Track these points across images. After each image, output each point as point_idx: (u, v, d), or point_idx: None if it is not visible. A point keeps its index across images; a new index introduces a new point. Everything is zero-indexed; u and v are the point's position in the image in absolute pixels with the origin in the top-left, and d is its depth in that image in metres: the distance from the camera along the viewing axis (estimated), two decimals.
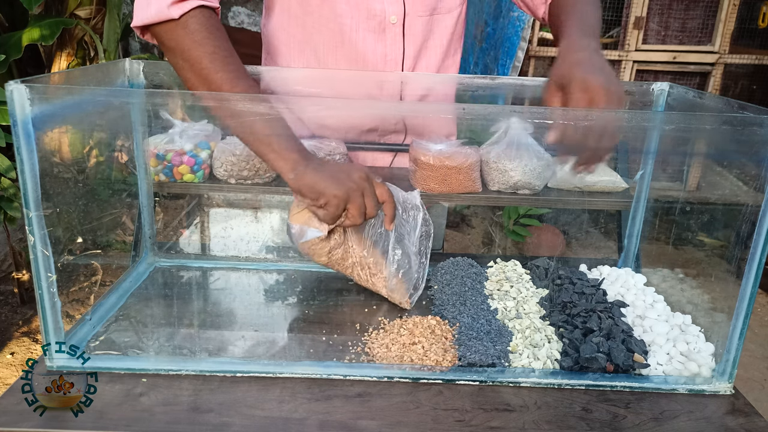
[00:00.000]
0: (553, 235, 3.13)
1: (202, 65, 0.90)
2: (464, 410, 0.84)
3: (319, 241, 0.99)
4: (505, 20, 2.94)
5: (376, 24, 1.15)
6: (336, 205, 0.90)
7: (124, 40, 3.28)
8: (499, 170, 1.21)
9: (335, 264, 1.03)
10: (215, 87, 0.90)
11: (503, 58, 2.98)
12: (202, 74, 0.90)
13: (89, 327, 0.98)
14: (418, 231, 1.10)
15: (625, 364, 0.91)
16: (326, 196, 0.90)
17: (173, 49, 0.93)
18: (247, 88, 0.91)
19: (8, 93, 0.77)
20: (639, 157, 1.23)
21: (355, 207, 0.91)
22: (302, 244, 0.99)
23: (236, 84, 0.90)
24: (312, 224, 0.97)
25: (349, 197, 0.90)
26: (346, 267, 1.04)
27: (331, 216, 0.92)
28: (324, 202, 0.90)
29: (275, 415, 0.81)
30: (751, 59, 3.40)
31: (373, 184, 0.94)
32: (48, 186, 0.83)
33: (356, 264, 1.04)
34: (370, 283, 1.06)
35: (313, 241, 0.98)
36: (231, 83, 0.90)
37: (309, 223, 0.97)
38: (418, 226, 1.10)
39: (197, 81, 0.91)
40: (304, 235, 0.98)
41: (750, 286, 0.87)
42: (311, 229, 0.97)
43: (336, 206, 0.90)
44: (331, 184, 0.89)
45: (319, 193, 0.90)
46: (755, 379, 2.41)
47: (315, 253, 1.00)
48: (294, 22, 1.17)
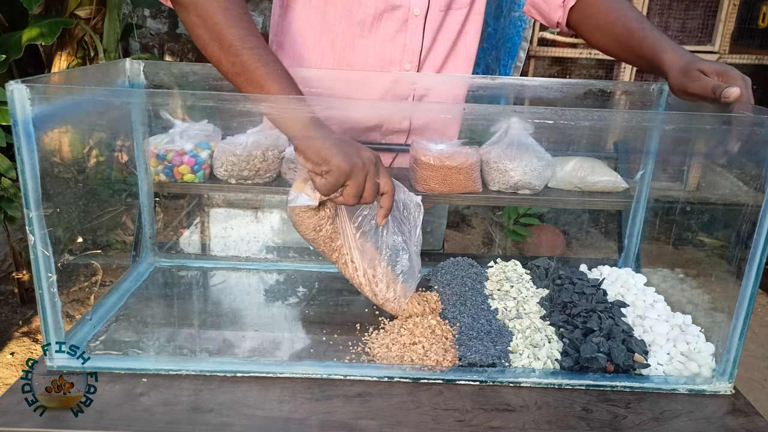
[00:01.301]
0: (553, 235, 3.13)
1: (215, 20, 0.89)
2: (464, 410, 0.84)
3: (307, 210, 0.95)
4: (506, 20, 2.93)
5: (399, 15, 1.15)
6: (337, 176, 0.87)
7: (124, 40, 3.28)
8: (499, 170, 1.21)
9: (321, 243, 0.99)
10: (227, 43, 0.89)
11: (505, 59, 2.98)
12: (215, 30, 0.89)
13: (89, 327, 0.98)
14: (418, 231, 1.08)
15: (625, 364, 0.91)
16: (330, 165, 0.86)
17: (186, 5, 0.92)
18: (258, 43, 0.90)
19: (9, 93, 0.76)
20: (639, 157, 1.24)
21: (354, 186, 0.88)
22: (291, 209, 0.96)
23: (248, 40, 0.89)
24: (306, 192, 0.94)
25: (351, 173, 0.87)
26: (333, 248, 1.00)
27: (328, 186, 0.88)
28: (326, 170, 0.87)
29: (275, 415, 0.81)
30: (751, 59, 3.40)
31: (379, 170, 0.91)
32: (48, 186, 0.83)
33: (345, 252, 1.01)
34: (356, 283, 1.03)
35: (302, 208, 0.95)
36: (243, 39, 0.89)
37: (304, 191, 0.94)
38: (418, 227, 1.08)
39: (209, 37, 0.90)
40: (295, 200, 0.94)
41: (750, 286, 0.87)
42: (302, 196, 0.94)
43: (336, 178, 0.87)
44: (338, 154, 0.86)
45: (324, 159, 0.86)
46: (755, 379, 2.41)
47: (302, 224, 0.97)
48: (314, 14, 1.17)
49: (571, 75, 3.80)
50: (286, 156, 1.20)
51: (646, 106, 1.20)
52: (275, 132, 1.21)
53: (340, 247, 1.00)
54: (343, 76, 1.18)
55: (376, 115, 1.25)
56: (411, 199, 1.08)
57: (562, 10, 1.20)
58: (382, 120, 1.26)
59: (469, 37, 1.25)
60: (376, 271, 1.02)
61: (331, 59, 1.19)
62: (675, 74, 0.96)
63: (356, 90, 1.20)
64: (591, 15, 1.17)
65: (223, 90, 1.13)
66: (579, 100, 1.19)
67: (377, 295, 1.02)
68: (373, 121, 1.26)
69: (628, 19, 1.09)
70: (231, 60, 0.89)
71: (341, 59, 1.19)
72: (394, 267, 1.03)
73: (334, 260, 1.02)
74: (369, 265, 1.01)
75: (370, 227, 1.01)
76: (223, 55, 0.90)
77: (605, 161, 1.31)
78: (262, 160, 1.17)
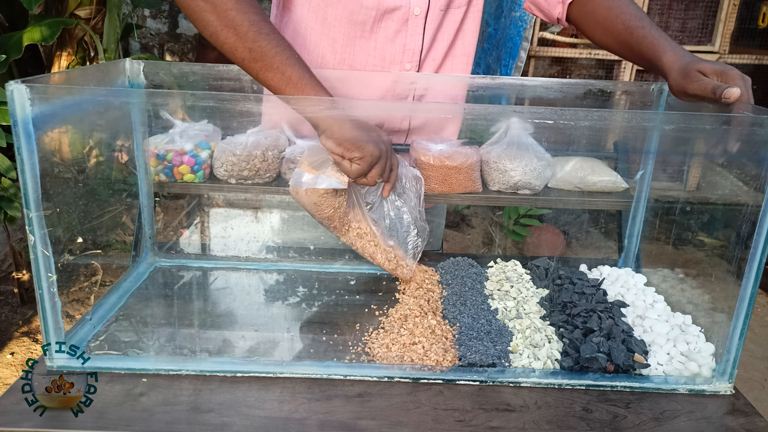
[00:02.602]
0: (553, 235, 3.13)
1: (227, 6, 0.88)
2: (464, 410, 0.84)
3: (329, 192, 0.98)
4: (506, 20, 2.93)
5: (400, 15, 1.15)
6: (369, 163, 0.93)
7: (124, 40, 3.28)
8: (499, 170, 1.21)
9: (336, 220, 1.03)
10: (242, 29, 0.88)
11: (506, 59, 2.97)
12: (229, 16, 0.88)
13: (89, 327, 0.98)
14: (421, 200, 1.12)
15: (625, 364, 0.91)
16: (363, 152, 0.92)
17: None
18: (272, 29, 0.90)
19: (9, 93, 0.76)
20: (639, 157, 1.23)
21: (379, 169, 0.95)
22: (311, 192, 0.97)
23: (262, 26, 0.89)
24: (330, 174, 0.96)
25: (380, 158, 0.94)
26: (344, 223, 1.05)
27: (360, 171, 0.94)
28: (359, 156, 0.92)
29: (275, 415, 0.81)
30: (751, 59, 3.40)
31: (391, 149, 0.99)
32: (48, 186, 0.83)
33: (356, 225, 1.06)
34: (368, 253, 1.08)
35: (326, 191, 0.97)
36: (258, 25, 0.88)
37: (327, 173, 0.97)
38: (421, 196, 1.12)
39: (221, 23, 0.89)
40: (317, 183, 0.96)
41: (750, 286, 0.87)
42: (328, 178, 0.96)
43: (369, 164, 0.93)
44: (370, 142, 0.92)
45: (358, 147, 0.91)
46: (755, 379, 2.41)
47: (322, 204, 0.99)
48: (314, 15, 1.17)
49: (571, 75, 3.80)
50: (285, 156, 1.20)
51: (646, 106, 1.20)
52: (275, 132, 1.21)
53: (350, 221, 1.05)
54: (343, 77, 1.18)
55: (377, 115, 1.25)
56: (410, 173, 1.13)
57: (562, 5, 1.20)
58: (382, 120, 1.26)
59: (467, 35, 1.25)
60: (385, 239, 1.08)
61: (331, 60, 1.19)
62: (675, 75, 0.96)
63: (357, 90, 1.20)
64: (590, 11, 1.17)
65: (223, 90, 1.14)
66: (579, 100, 1.19)
67: (390, 261, 1.08)
68: (374, 121, 1.26)
69: (628, 16, 1.09)
70: (248, 46, 0.89)
71: (341, 60, 1.19)
72: (402, 233, 1.09)
73: (343, 234, 1.07)
74: (380, 234, 1.08)
75: (377, 200, 1.07)
76: (239, 42, 0.89)
77: (605, 161, 1.31)
78: (262, 160, 1.17)
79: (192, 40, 4.10)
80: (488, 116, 1.03)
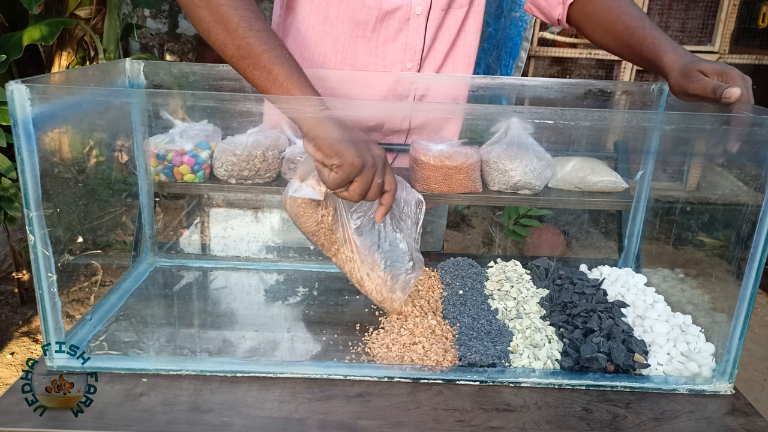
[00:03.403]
0: (553, 235, 3.13)
1: (220, 1, 0.87)
2: (465, 410, 0.84)
3: (309, 203, 0.92)
4: (506, 20, 2.93)
5: (401, 14, 1.15)
6: (348, 172, 0.84)
7: (124, 40, 3.28)
8: (499, 170, 1.21)
9: (321, 236, 0.97)
10: (232, 26, 0.86)
11: (506, 59, 2.97)
12: (220, 12, 0.87)
13: (89, 327, 0.98)
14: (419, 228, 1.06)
15: (625, 364, 0.91)
16: (342, 159, 0.83)
17: None
18: (264, 26, 0.88)
19: (9, 93, 0.76)
20: (639, 157, 1.23)
21: (362, 182, 0.85)
22: (292, 200, 0.92)
23: (254, 23, 0.87)
24: (310, 183, 0.90)
25: (362, 170, 0.84)
26: (332, 242, 0.98)
27: (337, 180, 0.85)
28: (337, 164, 0.83)
29: (275, 416, 0.81)
30: (751, 59, 3.40)
31: (386, 168, 0.89)
32: (48, 186, 0.83)
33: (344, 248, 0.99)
34: (355, 278, 1.01)
35: (304, 201, 0.92)
36: (249, 22, 0.86)
37: (308, 183, 0.91)
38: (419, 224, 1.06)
39: (213, 19, 0.88)
40: (298, 191, 0.91)
41: (750, 286, 0.87)
42: (307, 188, 0.90)
43: (347, 173, 0.84)
44: (352, 149, 0.83)
45: (336, 152, 0.83)
46: (755, 379, 2.41)
47: (302, 216, 0.94)
48: (316, 14, 1.17)
49: (571, 75, 3.80)
50: (286, 156, 1.20)
51: (646, 106, 1.20)
52: (275, 132, 1.21)
53: (339, 242, 0.98)
54: (344, 76, 1.18)
55: (377, 115, 1.25)
56: (412, 196, 1.06)
57: (562, 6, 1.20)
58: (383, 120, 1.26)
59: (468, 35, 1.25)
60: (374, 267, 1.00)
61: (332, 59, 1.19)
62: (675, 75, 0.96)
63: (358, 90, 1.20)
64: (591, 12, 1.17)
65: (223, 90, 1.14)
66: (579, 100, 1.19)
67: (378, 292, 1.01)
68: (374, 121, 1.26)
69: (628, 17, 1.09)
70: (237, 43, 0.87)
71: (343, 59, 1.19)
72: (392, 264, 1.01)
73: (332, 255, 1.00)
74: (368, 261, 1.00)
75: (369, 222, 0.99)
76: (228, 38, 0.87)
77: (605, 161, 1.31)
78: (262, 160, 1.17)
79: (192, 40, 4.10)
80: (488, 116, 1.02)
